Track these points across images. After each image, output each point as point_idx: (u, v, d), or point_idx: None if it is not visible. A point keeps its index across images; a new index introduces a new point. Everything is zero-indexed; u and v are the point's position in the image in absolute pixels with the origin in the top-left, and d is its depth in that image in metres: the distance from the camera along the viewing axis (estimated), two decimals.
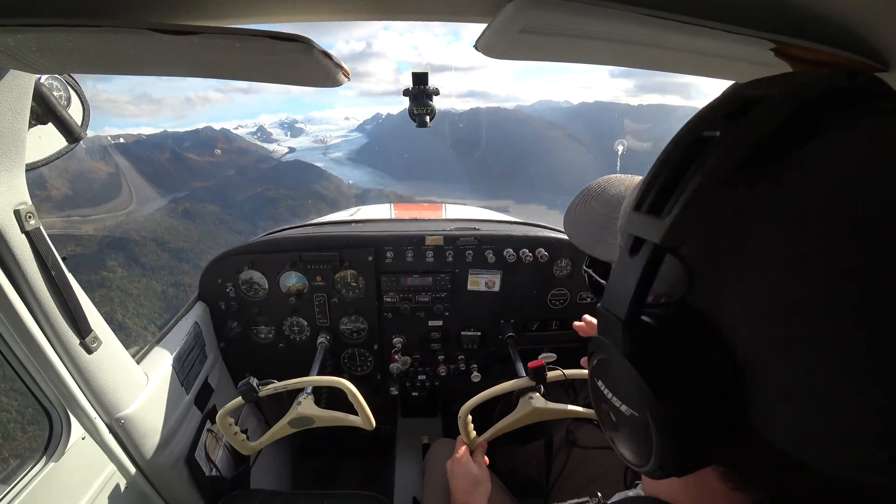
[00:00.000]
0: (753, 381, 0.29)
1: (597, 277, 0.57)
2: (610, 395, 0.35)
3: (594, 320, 0.92)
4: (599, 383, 0.37)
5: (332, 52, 0.60)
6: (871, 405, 0.26)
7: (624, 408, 0.34)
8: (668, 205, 0.30)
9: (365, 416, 1.31)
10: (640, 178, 0.56)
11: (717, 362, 0.29)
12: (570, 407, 1.30)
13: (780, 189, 0.28)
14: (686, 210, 0.29)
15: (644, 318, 0.32)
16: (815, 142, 0.28)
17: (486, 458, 1.29)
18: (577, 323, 1.06)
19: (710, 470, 0.34)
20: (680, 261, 0.31)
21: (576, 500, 0.71)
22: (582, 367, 1.32)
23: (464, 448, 1.26)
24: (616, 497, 0.64)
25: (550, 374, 1.28)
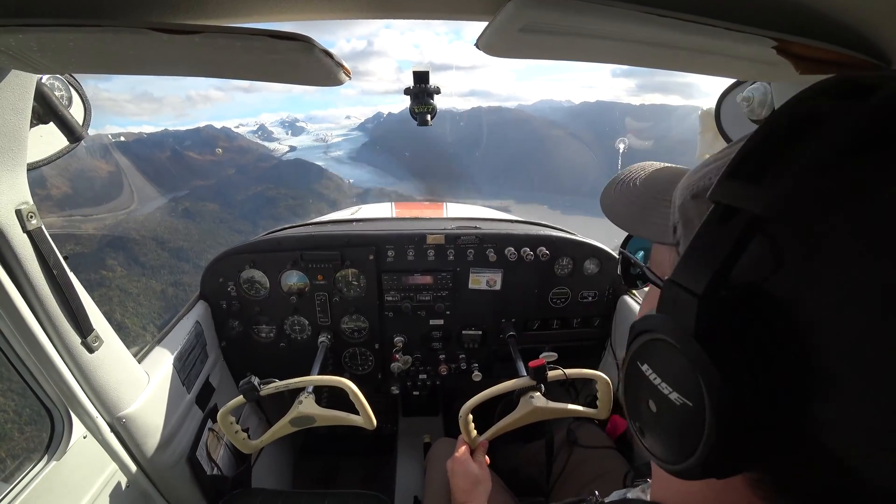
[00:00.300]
0: (835, 382, 0.26)
1: (634, 258, 0.57)
2: (657, 381, 0.32)
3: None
4: (644, 367, 0.34)
5: (333, 50, 0.60)
6: None
7: (674, 395, 0.31)
8: (773, 174, 0.28)
9: (366, 415, 1.31)
10: (674, 165, 0.55)
11: (795, 355, 0.27)
12: (571, 406, 1.30)
13: None
14: (799, 181, 0.27)
15: (722, 296, 0.29)
16: None
17: (487, 457, 1.29)
18: None
19: (740, 476, 0.32)
20: (771, 238, 0.28)
21: (573, 499, 0.71)
22: (582, 367, 1.32)
23: (464, 447, 1.27)
24: (613, 496, 0.64)
25: (551, 374, 1.28)
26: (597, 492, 0.70)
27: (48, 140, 0.95)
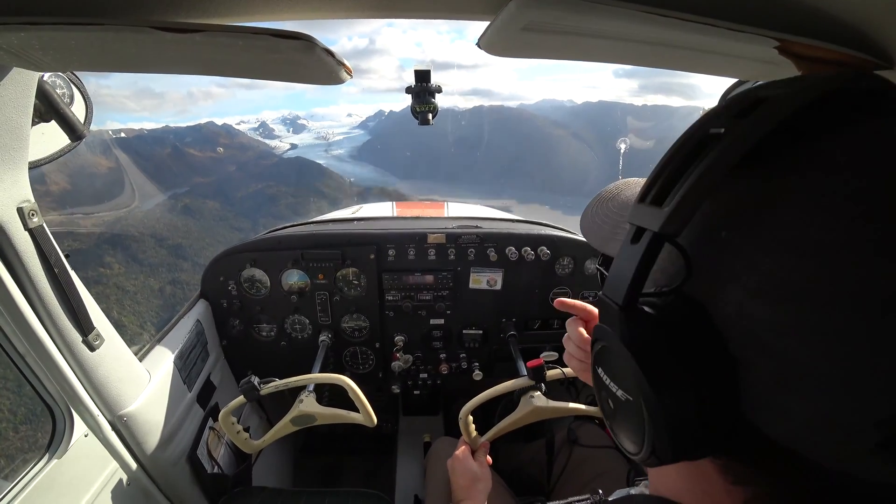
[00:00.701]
0: (748, 370, 0.30)
1: (607, 273, 0.58)
2: (608, 381, 0.37)
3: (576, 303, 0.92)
4: (600, 371, 0.38)
5: (334, 48, 0.60)
6: (870, 394, 0.26)
7: (620, 393, 0.35)
8: (670, 196, 0.31)
9: (366, 413, 1.31)
10: None
11: (710, 350, 0.31)
12: (571, 405, 1.30)
13: (784, 182, 0.29)
14: (684, 200, 0.30)
15: (641, 304, 0.33)
16: (821, 139, 0.29)
17: (489, 458, 1.29)
18: (559, 299, 0.97)
19: (709, 463, 0.35)
20: (678, 250, 0.32)
21: (576, 498, 0.71)
22: None
23: (464, 446, 1.27)
24: (617, 494, 0.64)
25: (550, 373, 1.29)
26: (600, 490, 0.70)
27: (50, 138, 0.95)
